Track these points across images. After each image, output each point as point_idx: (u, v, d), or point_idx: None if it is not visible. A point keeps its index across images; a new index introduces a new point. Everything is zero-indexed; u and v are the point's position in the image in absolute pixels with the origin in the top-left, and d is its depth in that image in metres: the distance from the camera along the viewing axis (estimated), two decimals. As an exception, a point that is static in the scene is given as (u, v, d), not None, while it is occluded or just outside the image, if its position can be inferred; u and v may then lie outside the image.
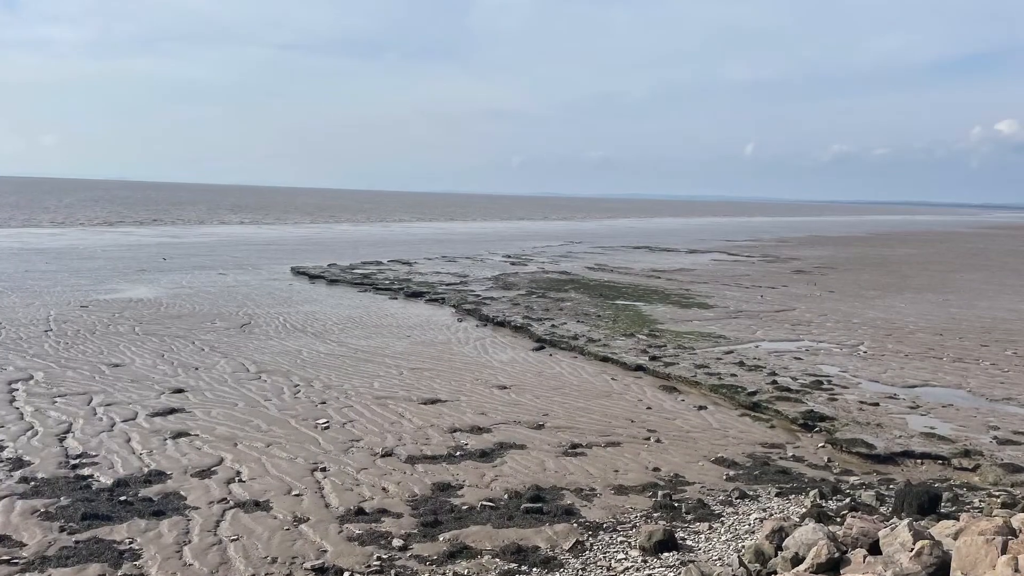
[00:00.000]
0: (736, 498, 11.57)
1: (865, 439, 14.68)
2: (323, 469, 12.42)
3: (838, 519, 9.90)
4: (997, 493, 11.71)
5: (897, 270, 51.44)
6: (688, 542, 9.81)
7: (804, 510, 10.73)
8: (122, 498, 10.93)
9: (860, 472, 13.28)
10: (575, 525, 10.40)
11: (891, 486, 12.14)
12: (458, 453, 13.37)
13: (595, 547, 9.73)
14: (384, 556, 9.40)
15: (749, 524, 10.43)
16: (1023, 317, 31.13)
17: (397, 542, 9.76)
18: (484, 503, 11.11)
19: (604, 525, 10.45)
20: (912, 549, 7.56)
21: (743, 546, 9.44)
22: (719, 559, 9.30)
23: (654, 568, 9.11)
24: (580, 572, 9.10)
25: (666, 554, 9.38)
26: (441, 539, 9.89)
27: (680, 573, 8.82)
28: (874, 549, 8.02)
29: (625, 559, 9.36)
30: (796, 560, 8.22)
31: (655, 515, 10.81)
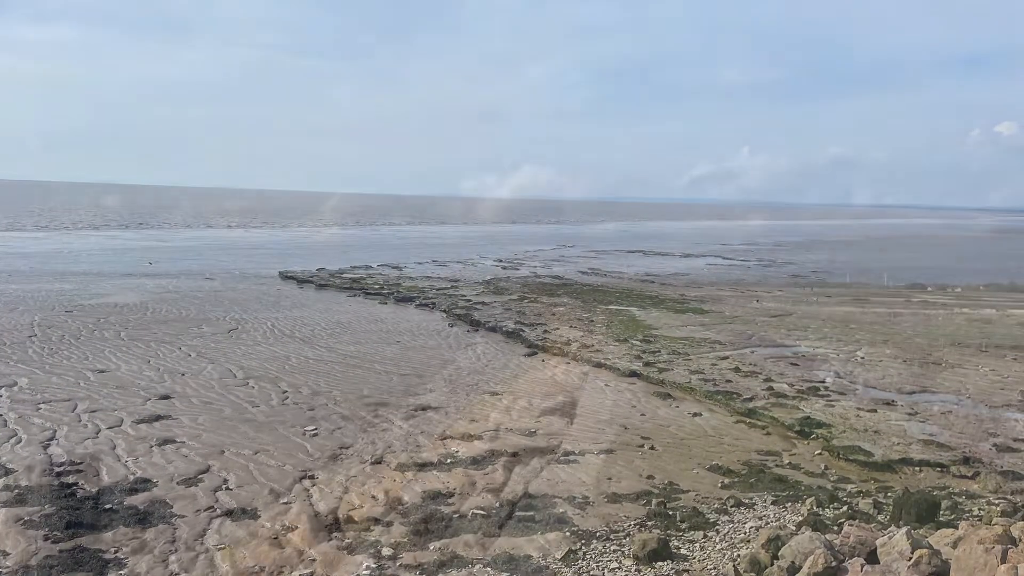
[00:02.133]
0: (731, 506, 11.43)
1: (863, 446, 14.55)
2: (311, 477, 12.24)
3: (835, 527, 9.79)
4: (997, 501, 11.61)
5: (895, 274, 51.49)
6: (682, 551, 9.68)
7: (801, 518, 10.63)
8: (107, 506, 10.77)
9: (857, 479, 13.14)
10: (567, 533, 10.25)
11: (889, 494, 12.01)
12: (449, 460, 13.20)
13: (588, 556, 9.58)
14: (374, 565, 9.25)
15: (744, 532, 10.31)
16: (1022, 322, 31.13)
17: (387, 551, 9.60)
18: (475, 511, 10.95)
19: (597, 533, 10.30)
20: (910, 558, 7.45)
21: (738, 555, 9.31)
22: (714, 568, 9.17)
23: (649, 578, 8.98)
24: (573, 582, 8.96)
25: (660, 563, 9.26)
26: (431, 548, 9.73)
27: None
28: (872, 558, 7.92)
29: (618, 568, 9.22)
30: (793, 569, 8.11)
31: (649, 523, 10.67)
